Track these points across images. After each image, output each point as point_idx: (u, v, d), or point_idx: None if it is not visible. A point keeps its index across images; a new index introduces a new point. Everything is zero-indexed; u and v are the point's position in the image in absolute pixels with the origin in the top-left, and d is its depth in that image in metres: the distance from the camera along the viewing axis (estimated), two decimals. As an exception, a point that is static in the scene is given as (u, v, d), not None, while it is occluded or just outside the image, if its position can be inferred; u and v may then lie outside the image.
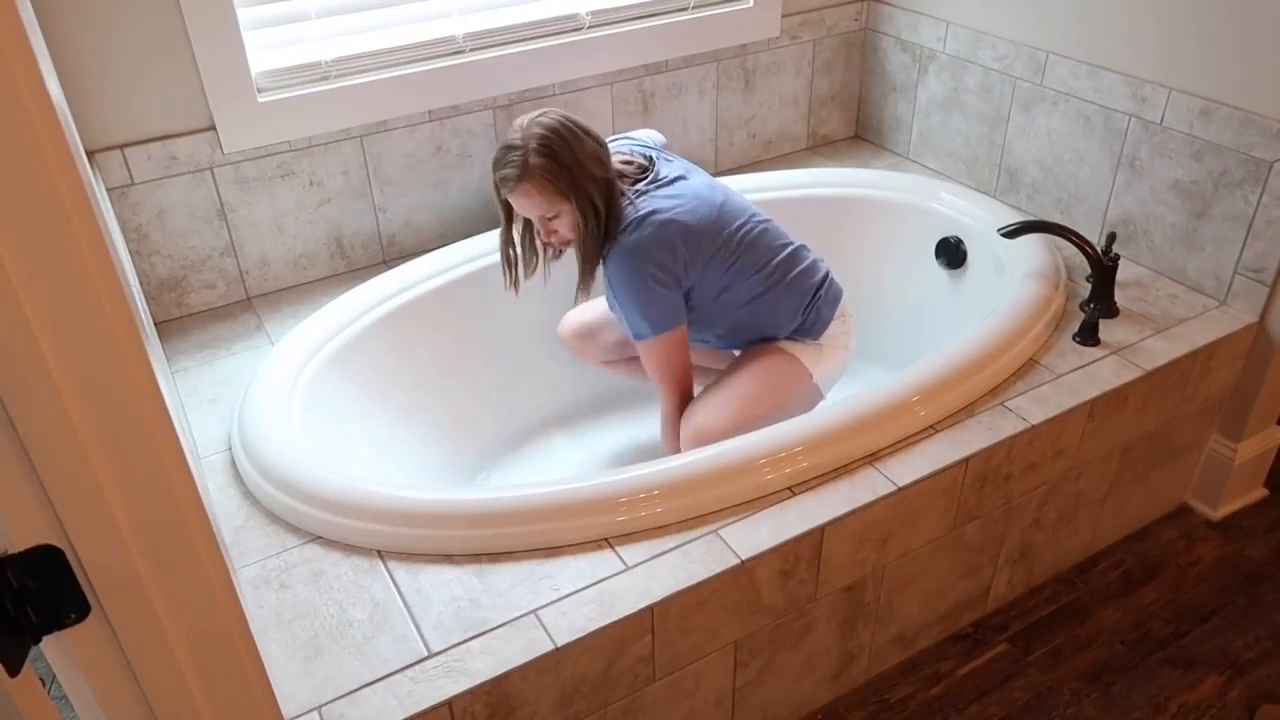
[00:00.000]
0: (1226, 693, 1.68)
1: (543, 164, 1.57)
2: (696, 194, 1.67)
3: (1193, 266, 1.90)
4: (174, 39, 1.69)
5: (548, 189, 1.58)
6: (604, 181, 1.61)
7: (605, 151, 1.64)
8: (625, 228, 1.62)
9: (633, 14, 2.13)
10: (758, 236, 1.70)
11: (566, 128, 1.59)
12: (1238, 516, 2.03)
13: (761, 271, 1.70)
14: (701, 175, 1.74)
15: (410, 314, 1.86)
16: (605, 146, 1.64)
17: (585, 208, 1.60)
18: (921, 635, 1.74)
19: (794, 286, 1.73)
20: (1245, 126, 1.73)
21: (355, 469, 1.59)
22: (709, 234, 1.65)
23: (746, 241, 1.69)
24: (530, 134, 1.58)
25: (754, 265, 1.69)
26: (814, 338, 1.76)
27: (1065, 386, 1.67)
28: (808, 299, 1.74)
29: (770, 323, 1.75)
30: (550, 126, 1.59)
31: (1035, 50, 2.05)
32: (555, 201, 1.59)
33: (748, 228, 1.70)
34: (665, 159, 1.75)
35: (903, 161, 2.45)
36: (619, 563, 1.35)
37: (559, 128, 1.59)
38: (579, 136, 1.60)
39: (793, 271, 1.73)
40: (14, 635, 0.63)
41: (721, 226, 1.67)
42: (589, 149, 1.60)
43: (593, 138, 1.62)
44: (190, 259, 1.88)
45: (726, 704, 1.51)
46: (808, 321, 1.75)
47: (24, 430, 0.61)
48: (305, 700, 1.19)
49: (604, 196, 1.61)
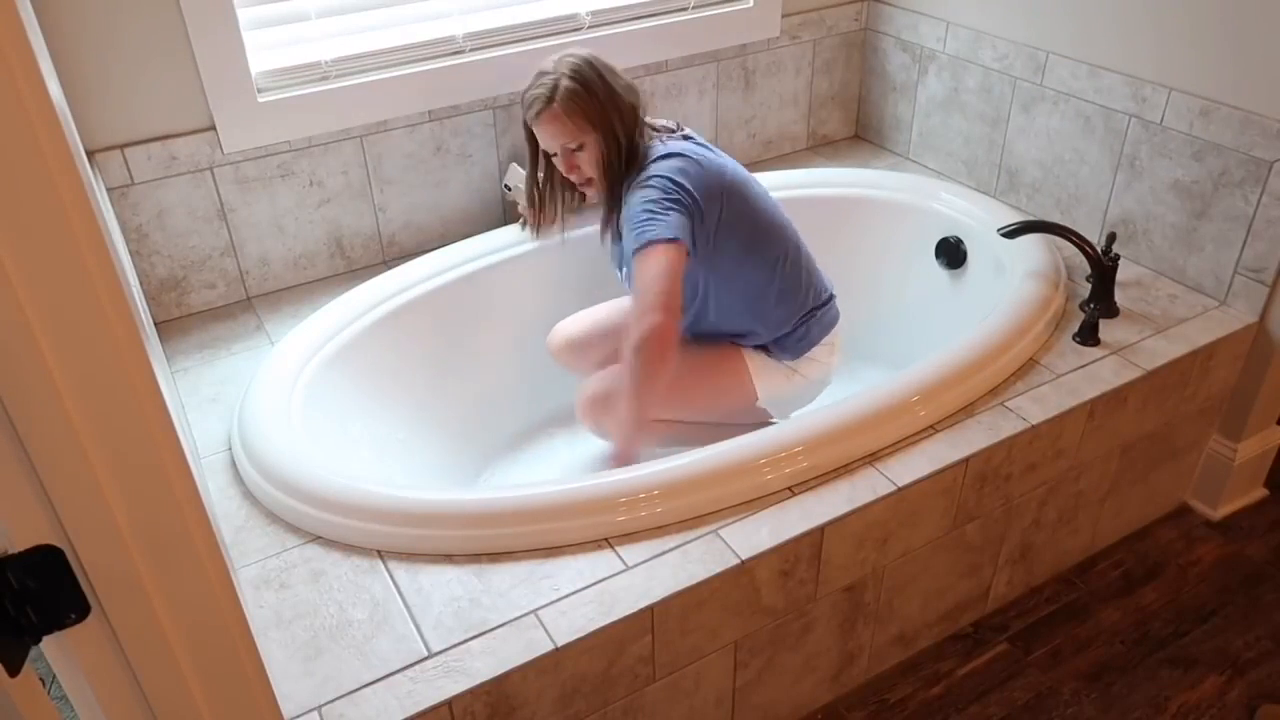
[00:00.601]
0: (1226, 693, 1.68)
1: (573, 88, 1.61)
2: (725, 161, 1.69)
3: (1193, 266, 1.90)
4: (174, 39, 1.69)
5: (576, 114, 1.62)
6: (631, 112, 1.65)
7: (635, 92, 1.69)
8: (654, 160, 1.63)
9: (633, 14, 2.13)
10: (779, 228, 1.71)
11: (600, 61, 1.66)
12: (1238, 516, 2.03)
13: (776, 267, 1.69)
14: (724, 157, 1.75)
15: (410, 314, 1.86)
16: (631, 90, 1.68)
17: (610, 139, 1.64)
18: (921, 635, 1.74)
19: (799, 294, 1.72)
20: (1245, 126, 1.73)
21: (355, 469, 1.59)
22: (735, 193, 1.65)
23: (767, 227, 1.69)
24: (563, 62, 1.64)
25: (771, 255, 1.69)
26: (791, 356, 1.74)
27: (1065, 386, 1.67)
28: (804, 311, 1.73)
29: (758, 322, 1.72)
30: (583, 57, 1.65)
31: (1035, 50, 2.05)
32: (582, 129, 1.63)
33: (771, 215, 1.71)
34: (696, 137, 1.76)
35: (903, 161, 2.45)
36: (619, 563, 1.35)
37: (592, 59, 1.65)
38: (612, 71, 1.66)
39: (804, 278, 1.72)
40: (14, 635, 0.63)
41: (747, 196, 1.68)
42: (621, 83, 1.67)
43: (622, 77, 1.68)
44: (190, 259, 1.88)
45: (726, 704, 1.51)
46: (795, 335, 1.72)
47: (24, 430, 0.61)
48: (305, 700, 1.19)
49: (627, 130, 1.65)
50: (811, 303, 1.74)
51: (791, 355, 1.73)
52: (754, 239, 1.67)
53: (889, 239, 2.20)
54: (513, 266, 1.97)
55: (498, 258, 1.96)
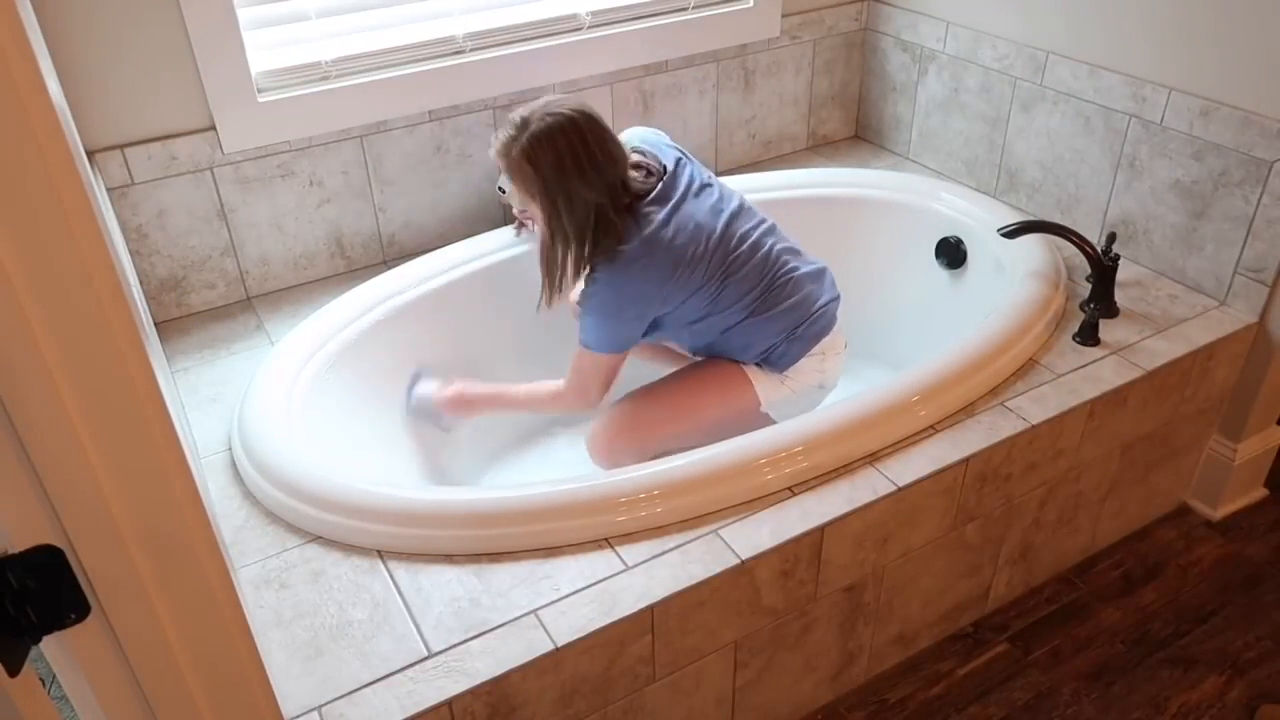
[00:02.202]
0: (1226, 693, 1.68)
1: (521, 164, 1.55)
2: (697, 223, 1.61)
3: (1193, 266, 1.90)
4: (174, 39, 1.69)
5: (520, 185, 1.58)
6: (587, 207, 1.56)
7: (611, 171, 1.56)
8: (617, 252, 1.57)
9: (633, 14, 2.13)
10: (751, 267, 1.65)
11: (576, 133, 1.53)
12: (1238, 516, 2.03)
13: (742, 301, 1.66)
14: (709, 193, 1.68)
15: (410, 314, 1.86)
16: (615, 163, 1.57)
17: (555, 227, 1.58)
18: (921, 635, 1.74)
19: (773, 320, 1.68)
20: (1245, 126, 1.73)
21: (355, 469, 1.58)
22: (699, 271, 1.61)
23: (736, 275, 1.64)
24: (537, 124, 1.53)
25: (737, 295, 1.65)
26: (778, 370, 1.72)
27: (1065, 386, 1.67)
28: (783, 334, 1.69)
29: (738, 346, 1.72)
30: (555, 127, 1.53)
31: (1035, 50, 2.05)
32: (526, 200, 1.60)
33: (742, 258, 1.65)
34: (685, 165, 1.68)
35: (903, 161, 2.45)
36: (619, 563, 1.35)
37: (566, 131, 1.53)
38: (585, 147, 1.54)
39: (777, 305, 1.68)
40: (14, 635, 0.63)
41: (712, 262, 1.62)
42: (586, 166, 1.54)
43: (601, 152, 1.55)
44: (190, 259, 1.88)
45: (726, 704, 1.51)
46: (775, 353, 1.71)
47: (24, 430, 0.61)
48: (305, 700, 1.19)
49: (579, 222, 1.56)
50: (789, 322, 1.69)
51: (778, 369, 1.72)
52: (726, 285, 1.65)
53: (889, 239, 2.19)
54: (513, 266, 1.97)
55: (498, 258, 1.96)
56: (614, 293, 1.60)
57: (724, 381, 1.74)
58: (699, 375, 1.77)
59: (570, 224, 1.57)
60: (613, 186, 1.57)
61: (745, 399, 1.72)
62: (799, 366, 1.72)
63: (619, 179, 1.58)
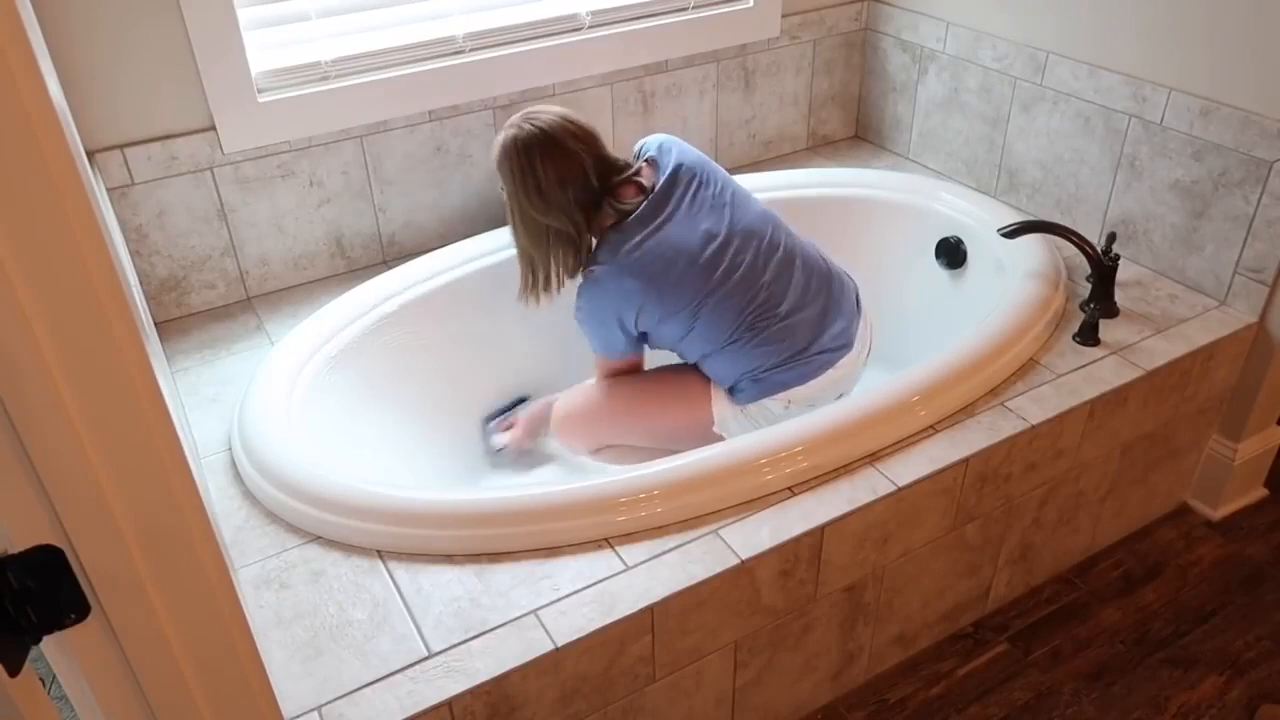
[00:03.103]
0: (1226, 693, 1.68)
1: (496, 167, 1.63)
2: (676, 249, 1.59)
3: (1193, 266, 1.90)
4: (174, 39, 1.69)
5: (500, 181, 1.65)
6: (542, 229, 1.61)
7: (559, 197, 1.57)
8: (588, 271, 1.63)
9: (633, 14, 2.13)
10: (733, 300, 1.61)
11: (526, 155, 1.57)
12: (1238, 516, 2.03)
13: (718, 331, 1.64)
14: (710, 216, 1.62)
15: (410, 314, 1.86)
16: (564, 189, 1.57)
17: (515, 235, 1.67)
18: (921, 635, 1.74)
19: (743, 357, 1.65)
20: (1245, 126, 1.73)
21: (355, 469, 1.58)
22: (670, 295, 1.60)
23: (712, 304, 1.61)
24: (517, 131, 1.59)
25: (712, 324, 1.62)
26: (740, 400, 1.70)
27: (1065, 386, 1.67)
28: (758, 367, 1.66)
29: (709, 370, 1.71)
30: (509, 144, 1.59)
31: (1035, 50, 2.05)
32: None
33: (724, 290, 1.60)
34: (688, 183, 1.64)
35: (903, 161, 2.45)
36: (619, 563, 1.35)
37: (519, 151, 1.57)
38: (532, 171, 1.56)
39: (750, 342, 1.64)
40: (14, 635, 0.63)
41: (687, 288, 1.60)
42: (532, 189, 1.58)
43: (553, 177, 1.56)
44: (190, 259, 1.88)
45: (726, 704, 1.51)
46: (739, 386, 1.69)
47: (24, 430, 0.61)
48: (305, 700, 1.19)
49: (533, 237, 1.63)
50: (762, 364, 1.66)
51: (737, 401, 1.71)
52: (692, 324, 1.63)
53: (889, 239, 2.19)
54: (512, 266, 1.96)
55: (498, 258, 1.96)
56: (590, 305, 1.66)
57: (684, 393, 1.75)
58: (664, 382, 1.78)
59: (525, 235, 1.64)
60: (563, 210, 1.59)
61: (700, 414, 1.73)
62: (761, 404, 1.70)
63: (573, 203, 1.59)
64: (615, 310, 1.64)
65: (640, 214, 1.60)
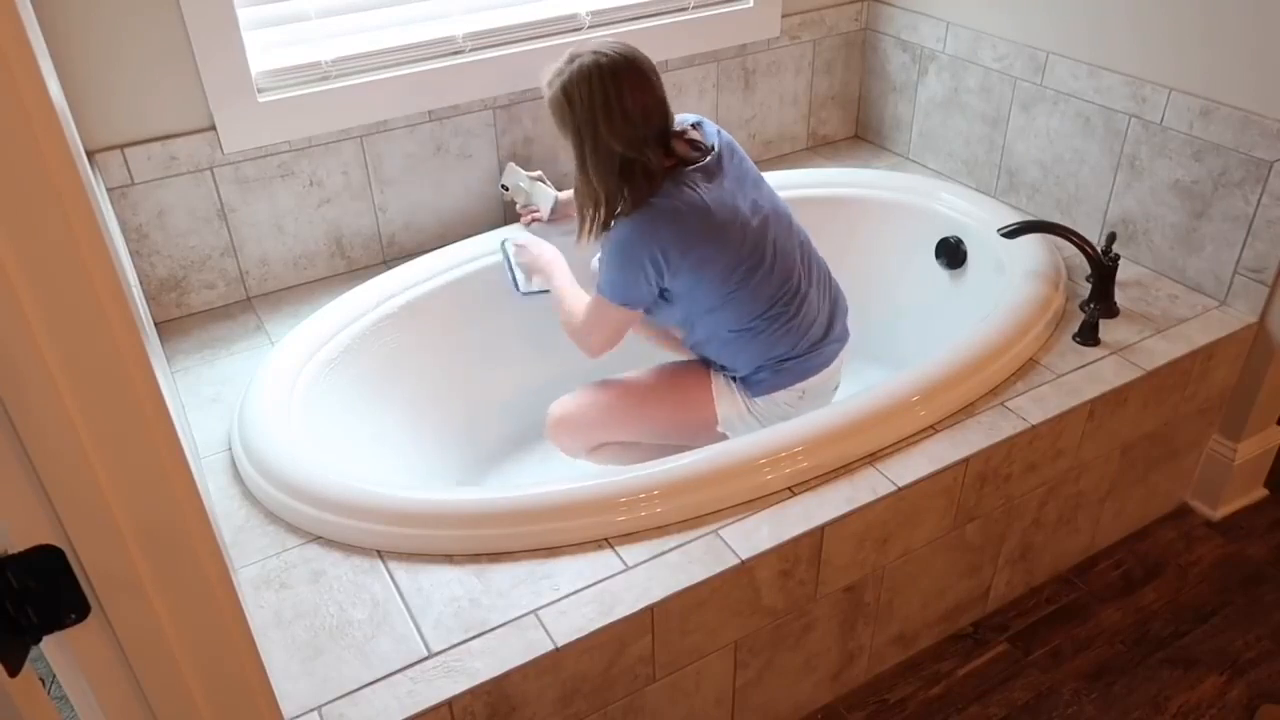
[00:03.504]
0: (1226, 693, 1.68)
1: (558, 98, 1.54)
2: (736, 209, 1.58)
3: (1193, 266, 1.90)
4: (174, 39, 1.69)
5: (556, 120, 1.58)
6: (613, 156, 1.53)
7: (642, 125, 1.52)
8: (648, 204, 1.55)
9: (633, 14, 2.13)
10: (773, 278, 1.62)
11: (612, 79, 1.51)
12: (1238, 516, 2.03)
13: (752, 309, 1.63)
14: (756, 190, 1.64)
15: (410, 314, 1.86)
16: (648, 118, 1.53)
17: (581, 168, 1.57)
18: (921, 635, 1.74)
19: (770, 342, 1.65)
20: (1245, 126, 1.73)
21: (355, 469, 1.58)
22: (724, 256, 1.57)
23: (755, 279, 1.61)
24: (578, 63, 1.53)
25: (749, 301, 1.62)
26: (751, 394, 1.70)
27: (1065, 386, 1.67)
28: (772, 361, 1.67)
29: (729, 354, 1.70)
30: (593, 68, 1.51)
31: (1035, 50, 2.05)
32: (562, 134, 1.59)
33: (767, 265, 1.61)
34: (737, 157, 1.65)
35: (903, 161, 2.45)
36: (619, 563, 1.35)
37: (603, 74, 1.51)
38: (617, 94, 1.51)
39: (779, 328, 1.65)
40: (14, 635, 0.63)
41: (740, 252, 1.59)
42: (615, 113, 1.51)
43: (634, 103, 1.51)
44: (190, 259, 1.88)
45: (726, 704, 1.51)
46: (756, 376, 1.69)
47: (24, 430, 0.61)
48: (305, 700, 1.19)
49: (604, 169, 1.54)
50: (785, 352, 1.67)
51: (751, 393, 1.70)
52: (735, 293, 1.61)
53: (889, 239, 2.19)
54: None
55: (498, 257, 1.96)
56: (635, 238, 1.56)
57: (685, 394, 1.74)
58: (664, 382, 1.77)
59: (594, 169, 1.55)
60: (643, 141, 1.53)
61: (703, 413, 1.72)
62: (774, 398, 1.69)
63: (652, 135, 1.54)
64: (656, 250, 1.55)
65: (704, 167, 1.58)
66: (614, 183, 1.55)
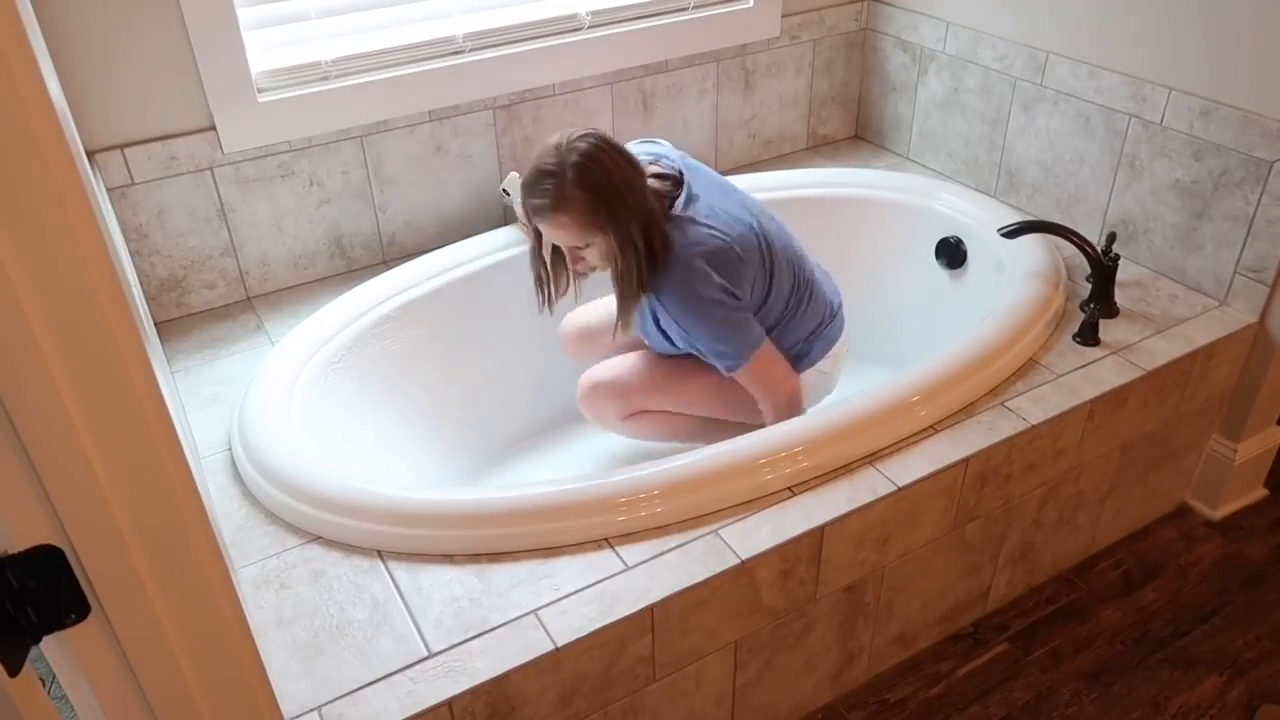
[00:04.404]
0: (1226, 693, 1.68)
1: (582, 196, 1.47)
2: (736, 218, 1.60)
3: (1193, 266, 1.90)
4: (174, 39, 1.69)
5: (584, 221, 1.49)
6: (644, 214, 1.52)
7: (643, 179, 1.54)
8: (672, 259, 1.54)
9: (633, 14, 2.13)
10: (786, 265, 1.67)
11: (608, 154, 1.50)
12: (1238, 516, 2.03)
13: (781, 299, 1.68)
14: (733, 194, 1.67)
15: (410, 314, 1.86)
16: (642, 174, 1.55)
17: (624, 242, 1.51)
18: (921, 635, 1.74)
19: (804, 320, 1.72)
20: (1245, 126, 1.73)
21: (355, 469, 1.59)
22: (752, 257, 1.60)
23: (776, 272, 1.65)
24: (567, 161, 1.48)
25: (781, 291, 1.67)
26: (799, 369, 1.74)
27: (1065, 386, 1.67)
28: (809, 331, 1.73)
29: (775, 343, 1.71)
30: (588, 153, 1.48)
31: (1035, 50, 2.05)
32: (589, 234, 1.51)
33: (779, 255, 1.65)
34: (692, 170, 1.66)
35: (903, 161, 2.45)
36: (619, 563, 1.35)
37: (598, 154, 1.49)
38: (619, 165, 1.50)
39: (808, 301, 1.72)
40: (14, 635, 0.63)
41: (759, 250, 1.62)
42: (629, 180, 1.51)
43: (631, 165, 1.53)
44: (190, 259, 1.88)
45: (726, 704, 1.51)
46: (803, 350, 1.73)
47: (24, 431, 0.61)
48: (305, 700, 1.19)
49: (643, 230, 1.52)
50: (816, 322, 1.74)
51: (803, 366, 1.74)
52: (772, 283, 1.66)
53: (889, 239, 2.19)
54: (513, 266, 1.97)
55: (498, 258, 1.97)
56: (695, 299, 1.55)
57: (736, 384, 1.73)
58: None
59: (638, 235, 1.51)
60: (652, 192, 1.56)
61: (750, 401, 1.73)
62: (819, 367, 1.75)
63: (649, 186, 1.57)
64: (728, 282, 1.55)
65: (686, 196, 1.59)
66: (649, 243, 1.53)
